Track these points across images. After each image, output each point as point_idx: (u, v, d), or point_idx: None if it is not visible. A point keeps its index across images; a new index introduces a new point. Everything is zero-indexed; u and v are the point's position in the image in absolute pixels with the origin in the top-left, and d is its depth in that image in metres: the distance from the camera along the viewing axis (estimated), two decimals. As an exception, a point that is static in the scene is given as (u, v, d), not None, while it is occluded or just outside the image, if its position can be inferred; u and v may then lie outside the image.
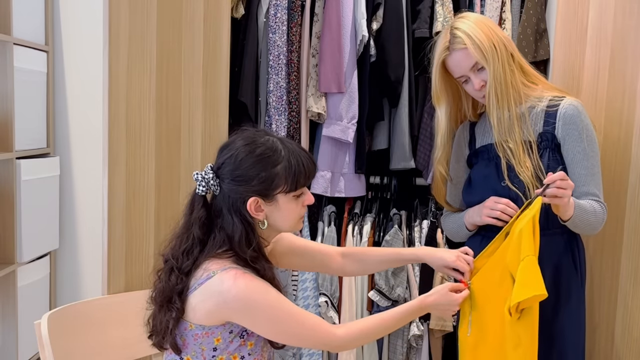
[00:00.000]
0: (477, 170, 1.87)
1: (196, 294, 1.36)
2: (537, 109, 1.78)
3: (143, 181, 2.13)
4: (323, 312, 2.41)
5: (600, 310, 2.09)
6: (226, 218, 1.39)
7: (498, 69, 1.72)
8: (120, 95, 2.09)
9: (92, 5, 2.34)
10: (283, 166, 1.38)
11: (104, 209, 2.11)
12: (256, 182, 1.37)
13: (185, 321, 1.38)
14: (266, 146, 1.39)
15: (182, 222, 1.45)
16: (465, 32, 1.73)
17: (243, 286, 1.32)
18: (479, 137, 1.90)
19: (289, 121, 2.41)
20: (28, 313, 2.28)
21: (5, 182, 2.21)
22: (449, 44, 1.76)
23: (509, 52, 1.75)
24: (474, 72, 1.75)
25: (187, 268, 1.38)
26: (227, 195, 1.39)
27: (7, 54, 2.17)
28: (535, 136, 1.76)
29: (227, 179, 1.39)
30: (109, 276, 2.12)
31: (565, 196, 1.58)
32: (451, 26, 1.78)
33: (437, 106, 1.87)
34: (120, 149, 2.10)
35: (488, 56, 1.71)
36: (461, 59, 1.74)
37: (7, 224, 2.22)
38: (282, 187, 1.39)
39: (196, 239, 1.40)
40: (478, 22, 1.76)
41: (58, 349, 1.56)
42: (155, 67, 2.11)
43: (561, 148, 1.76)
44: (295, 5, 2.38)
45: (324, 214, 2.51)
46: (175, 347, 1.39)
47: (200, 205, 1.41)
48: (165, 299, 1.38)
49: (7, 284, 2.22)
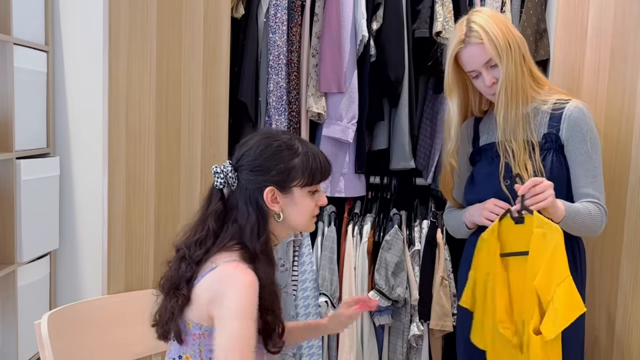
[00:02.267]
0: (480, 168, 1.86)
1: (200, 285, 1.37)
2: (542, 111, 1.78)
3: (143, 181, 2.13)
4: (323, 312, 2.41)
5: (600, 311, 2.09)
6: (241, 210, 1.42)
7: (511, 68, 1.71)
8: (120, 95, 2.09)
9: (92, 5, 2.34)
10: (300, 160, 1.42)
11: (104, 209, 2.11)
12: (275, 173, 1.41)
13: (185, 319, 1.38)
14: (284, 140, 1.44)
15: (198, 215, 1.47)
16: (483, 27, 1.71)
17: (239, 279, 1.32)
18: (483, 134, 1.89)
19: (289, 121, 2.41)
20: (28, 313, 2.28)
21: (5, 182, 2.21)
22: (465, 37, 1.74)
23: (522, 52, 1.75)
24: (486, 68, 1.74)
25: (198, 257, 1.40)
26: (245, 187, 1.42)
27: (7, 54, 2.17)
28: (539, 137, 1.75)
29: (246, 170, 1.42)
30: (109, 276, 2.12)
31: (545, 199, 1.59)
32: (468, 19, 1.76)
33: (449, 98, 1.86)
34: (120, 149, 2.10)
35: (502, 54, 1.70)
36: (476, 53, 1.73)
37: (7, 224, 2.22)
38: (299, 180, 1.42)
39: (210, 231, 1.42)
40: (495, 18, 1.75)
41: (58, 349, 1.56)
42: (155, 67, 2.11)
43: (564, 149, 1.76)
44: (295, 5, 2.38)
45: (324, 214, 2.51)
46: (178, 336, 1.39)
47: (218, 198, 1.44)
48: (172, 285, 1.40)
49: (7, 284, 2.22)
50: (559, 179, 1.73)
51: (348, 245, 2.43)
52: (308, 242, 2.44)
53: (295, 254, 2.46)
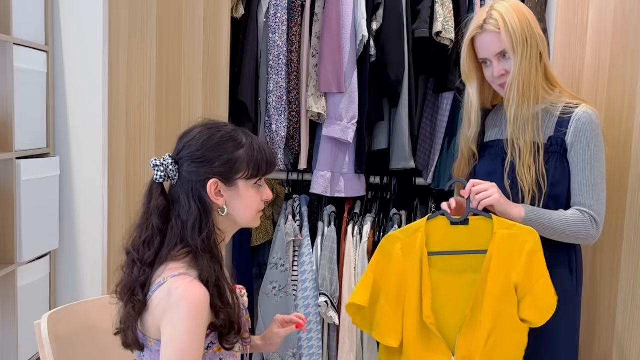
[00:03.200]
0: (482, 165, 1.84)
1: (153, 299, 1.32)
2: (551, 113, 1.74)
3: (143, 181, 2.13)
4: (323, 312, 2.41)
5: (601, 311, 2.09)
6: (183, 204, 1.36)
7: (525, 64, 1.67)
8: (120, 95, 2.10)
9: (92, 5, 2.34)
10: (245, 151, 1.37)
11: (104, 209, 2.12)
12: (218, 164, 1.35)
13: (146, 337, 1.34)
14: (227, 131, 1.39)
15: (140, 212, 1.41)
16: (502, 16, 1.67)
17: (186, 296, 1.27)
18: (489, 129, 1.86)
19: (289, 121, 2.41)
20: (28, 313, 2.28)
21: (5, 182, 2.21)
22: (483, 23, 1.70)
23: (539, 50, 1.70)
24: (498, 58, 1.70)
25: (149, 259, 1.34)
26: (187, 180, 1.37)
27: (7, 54, 2.17)
28: (544, 139, 1.72)
29: (188, 161, 1.37)
30: (108, 276, 2.12)
31: (487, 197, 1.62)
32: (491, 6, 1.72)
33: (468, 83, 1.81)
34: (120, 149, 2.11)
35: (517, 47, 1.67)
36: (490, 41, 1.70)
37: (7, 224, 2.22)
38: (244, 172, 1.37)
39: (156, 229, 1.36)
40: (518, 9, 1.70)
41: (58, 349, 1.55)
42: (155, 67, 2.11)
43: (568, 154, 1.72)
44: (295, 5, 2.38)
45: (324, 214, 2.52)
46: (137, 344, 1.35)
47: (159, 193, 1.38)
48: (129, 291, 1.34)
49: (7, 284, 2.22)
50: (561, 184, 1.71)
51: (348, 245, 2.43)
52: (308, 242, 2.44)
53: (295, 254, 2.46)
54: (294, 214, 2.49)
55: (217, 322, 1.33)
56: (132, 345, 1.37)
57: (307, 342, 2.43)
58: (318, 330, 2.44)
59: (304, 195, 2.57)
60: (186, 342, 1.25)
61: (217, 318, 1.32)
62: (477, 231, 1.66)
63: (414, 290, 1.68)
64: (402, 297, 1.69)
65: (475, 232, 1.66)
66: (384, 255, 1.72)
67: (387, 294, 1.70)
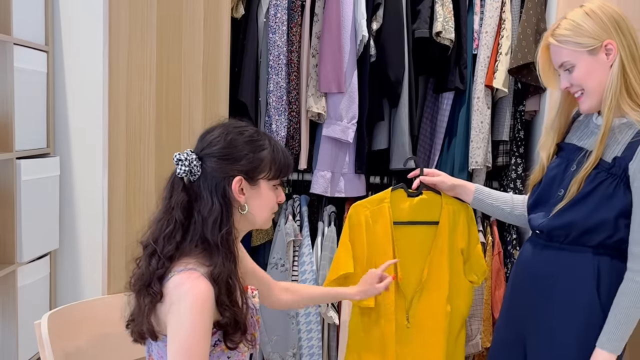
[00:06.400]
0: (550, 168, 1.69)
1: (163, 292, 1.32)
2: (624, 132, 1.56)
3: (143, 181, 2.13)
4: (323, 312, 2.41)
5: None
6: (205, 200, 1.36)
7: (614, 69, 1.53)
8: (120, 95, 2.10)
9: (92, 5, 2.34)
10: (269, 152, 1.40)
11: (104, 209, 2.12)
12: (244, 162, 1.37)
13: (157, 333, 1.34)
14: (252, 132, 1.41)
15: (160, 206, 1.40)
16: (569, 27, 1.56)
17: (190, 292, 1.27)
18: (572, 131, 1.72)
19: (289, 121, 2.41)
20: (28, 313, 2.28)
21: (5, 182, 2.21)
22: (553, 30, 1.60)
23: (621, 62, 1.53)
24: (562, 70, 1.61)
25: (169, 253, 1.34)
26: (211, 176, 1.37)
27: (7, 54, 2.17)
28: (609, 158, 1.55)
29: (214, 157, 1.37)
30: (109, 276, 2.12)
31: (435, 182, 1.92)
32: (568, 13, 1.60)
33: (547, 86, 1.73)
34: (120, 149, 2.11)
35: (579, 56, 1.55)
36: (554, 52, 1.61)
37: (7, 224, 2.22)
38: (267, 172, 1.40)
39: (178, 223, 1.35)
40: (596, 16, 1.55)
41: (58, 349, 1.55)
42: (155, 67, 2.11)
43: (630, 184, 1.53)
44: (295, 5, 2.38)
45: (324, 214, 2.51)
46: (152, 334, 1.34)
47: (180, 188, 1.38)
48: (144, 283, 1.34)
49: (7, 284, 2.22)
50: (607, 210, 1.54)
51: (348, 245, 2.43)
52: (308, 242, 2.44)
53: (295, 254, 2.46)
54: (294, 214, 2.49)
55: (222, 321, 1.33)
56: (147, 335, 1.35)
57: (307, 342, 2.43)
58: (318, 330, 2.44)
59: (304, 195, 2.57)
60: (191, 336, 1.25)
61: (222, 316, 1.33)
62: (430, 204, 1.98)
63: (387, 255, 1.95)
64: (372, 262, 1.96)
65: (428, 205, 1.99)
66: (355, 224, 1.99)
67: (361, 260, 1.98)
